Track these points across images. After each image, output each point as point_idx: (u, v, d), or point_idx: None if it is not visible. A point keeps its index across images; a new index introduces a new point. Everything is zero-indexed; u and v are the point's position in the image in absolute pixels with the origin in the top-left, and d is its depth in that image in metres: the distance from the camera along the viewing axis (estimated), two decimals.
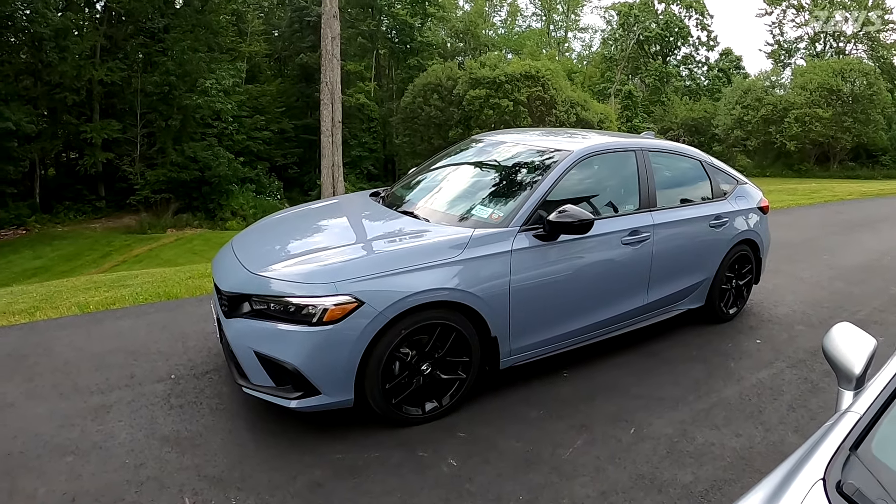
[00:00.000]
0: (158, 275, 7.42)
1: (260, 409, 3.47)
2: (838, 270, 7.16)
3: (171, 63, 27.87)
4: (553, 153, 4.08)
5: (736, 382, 4.11)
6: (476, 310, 3.34)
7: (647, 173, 4.35)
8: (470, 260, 3.35)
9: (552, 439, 3.31)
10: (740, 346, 4.78)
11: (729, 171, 5.29)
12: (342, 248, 3.45)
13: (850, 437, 1.53)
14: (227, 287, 3.34)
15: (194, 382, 3.82)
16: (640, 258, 4.20)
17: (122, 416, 3.41)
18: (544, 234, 3.59)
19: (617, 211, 4.22)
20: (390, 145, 40.35)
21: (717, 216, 4.82)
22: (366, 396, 3.18)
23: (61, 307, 5.37)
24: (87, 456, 3.04)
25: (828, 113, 38.62)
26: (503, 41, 54.66)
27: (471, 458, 3.11)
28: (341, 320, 2.99)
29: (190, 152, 28.75)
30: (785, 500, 1.40)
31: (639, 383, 4.02)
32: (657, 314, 4.60)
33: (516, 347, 3.64)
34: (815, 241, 9.03)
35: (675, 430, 3.46)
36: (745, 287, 5.36)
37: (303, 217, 4.61)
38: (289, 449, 3.14)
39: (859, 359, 1.88)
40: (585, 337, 4.07)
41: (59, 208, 27.29)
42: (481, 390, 3.72)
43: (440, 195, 4.25)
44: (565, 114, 35.47)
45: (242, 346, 3.17)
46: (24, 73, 26.10)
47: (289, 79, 38.89)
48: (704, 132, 45.54)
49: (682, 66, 55.73)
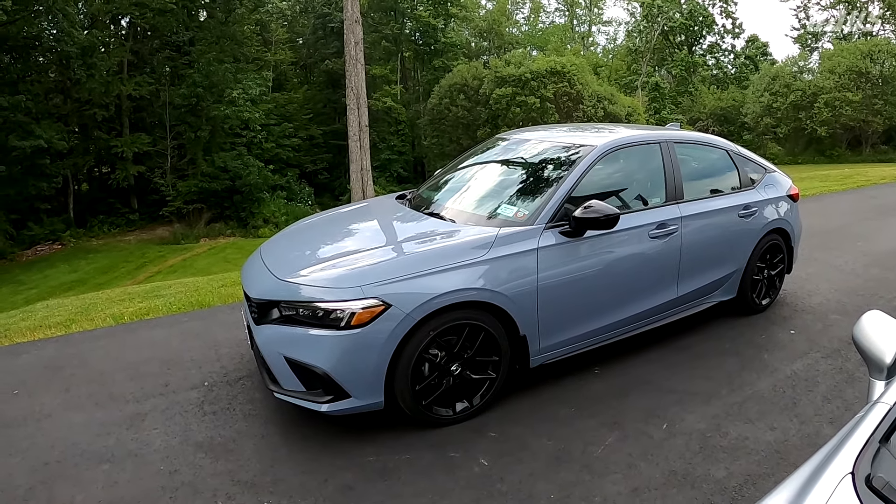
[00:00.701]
0: (191, 284, 7.54)
1: (292, 414, 3.51)
2: (873, 257, 7.00)
3: (198, 75, 28.23)
4: (577, 148, 4.05)
5: (769, 375, 4.04)
6: (504, 309, 3.33)
7: (673, 165, 4.29)
8: (496, 259, 3.34)
9: (583, 437, 3.29)
10: (774, 337, 4.69)
11: (756, 159, 5.20)
12: (368, 252, 3.46)
13: (881, 428, 1.48)
14: (256, 294, 3.39)
15: (227, 389, 3.87)
16: (669, 251, 4.15)
17: (156, 423, 3.47)
18: (570, 230, 3.57)
19: (644, 204, 4.17)
20: (419, 147, 40.41)
21: (746, 206, 4.74)
22: (396, 399, 3.18)
23: (96, 319, 5.49)
24: (122, 463, 3.10)
25: (858, 96, 37.49)
26: (527, 38, 54.47)
27: (502, 457, 3.11)
28: (369, 323, 3.01)
29: (220, 162, 29.13)
30: (813, 494, 1.36)
31: (671, 378, 3.97)
32: (688, 307, 4.54)
33: (546, 345, 3.62)
34: (848, 228, 8.82)
35: (708, 424, 3.42)
36: (778, 277, 5.26)
37: (329, 222, 4.65)
38: (320, 452, 3.16)
39: (891, 348, 1.83)
40: (616, 333, 4.03)
41: (94, 222, 27.81)
42: (512, 389, 3.71)
43: (465, 195, 4.26)
44: (592, 108, 35.10)
45: (273, 351, 3.21)
46: (53, 92, 26.56)
47: (315, 85, 39.26)
48: (734, 121, 44.72)
49: (709, 55, 54.80)
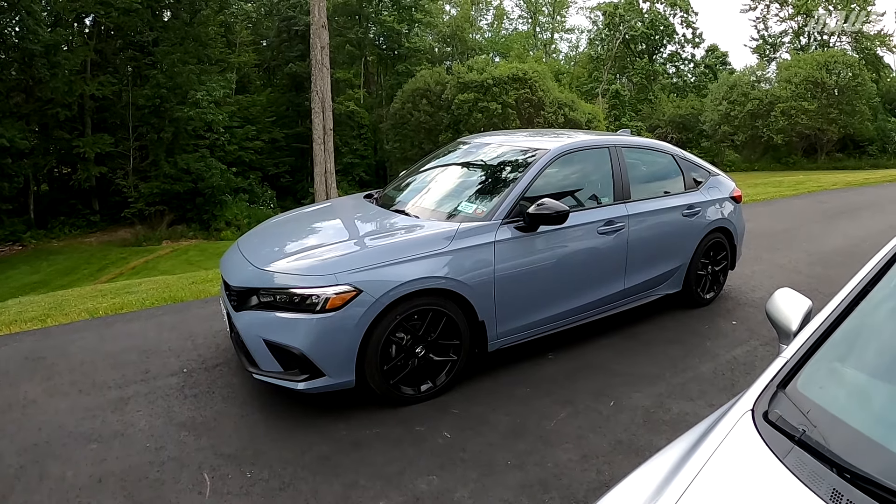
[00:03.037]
0: (162, 281, 7.67)
1: (268, 396, 3.75)
2: (817, 256, 7.38)
3: (162, 76, 28.11)
4: (533, 152, 4.39)
5: (711, 360, 4.38)
6: (464, 296, 3.65)
7: (621, 168, 4.65)
8: (457, 251, 3.65)
9: (539, 413, 3.60)
10: (716, 327, 5.03)
11: (701, 163, 5.59)
12: (341, 244, 3.76)
13: (778, 376, 1.73)
14: (237, 282, 3.64)
15: (206, 375, 4.09)
16: (617, 246, 4.50)
17: (140, 406, 3.67)
18: (525, 225, 3.90)
19: (593, 203, 4.52)
20: (381, 151, 40.64)
21: (690, 206, 5.11)
22: (366, 378, 3.47)
23: (71, 314, 5.59)
24: (110, 442, 3.29)
25: (813, 105, 38.91)
26: (490, 45, 54.98)
27: (464, 431, 3.40)
28: (342, 308, 3.29)
29: (183, 164, 29.02)
30: (716, 431, 1.61)
31: (620, 362, 4.30)
32: (636, 299, 4.89)
33: (503, 331, 3.94)
34: (795, 230, 9.19)
35: (653, 402, 3.74)
36: (721, 273, 5.64)
37: (303, 218, 4.91)
38: (296, 428, 3.42)
39: (796, 317, 2.10)
40: (568, 321, 4.36)
41: (55, 223, 27.48)
42: (472, 373, 4.01)
43: (429, 194, 4.55)
44: (553, 115, 35.76)
45: (252, 335, 3.46)
46: (15, 90, 26.29)
47: (278, 88, 39.20)
48: (692, 128, 45.90)
49: (669, 64, 56.08)
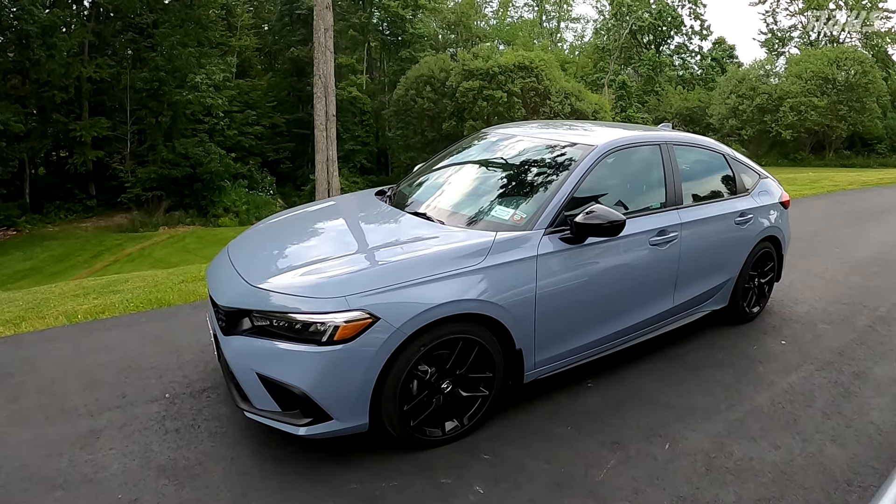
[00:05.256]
0: (150, 278, 7.11)
1: (263, 433, 3.18)
2: (851, 265, 7.03)
3: (161, 59, 27.34)
4: (574, 148, 3.78)
5: (766, 388, 3.91)
6: (501, 321, 3.07)
7: (673, 169, 4.08)
8: (493, 267, 3.06)
9: (584, 459, 3.06)
10: (765, 347, 4.57)
11: (751, 164, 5.04)
12: (351, 257, 3.14)
13: None
14: (225, 301, 3.04)
15: (191, 402, 3.54)
16: (668, 259, 3.94)
17: (113, 442, 3.13)
18: (571, 236, 3.31)
19: (643, 209, 3.94)
20: (383, 138, 39.95)
21: (742, 213, 4.58)
22: (381, 420, 2.90)
23: (48, 317, 5.09)
24: (76, 490, 2.77)
25: (823, 101, 38.42)
26: (495, 32, 54.30)
27: (498, 483, 2.85)
28: (354, 339, 2.70)
29: (181, 149, 28.26)
30: None
31: (667, 391, 3.79)
32: (683, 317, 4.36)
33: (542, 359, 3.38)
34: (823, 234, 8.90)
35: (712, 444, 3.24)
36: (768, 285, 5.14)
37: (306, 219, 4.26)
38: (297, 478, 2.86)
39: None
40: (613, 344, 3.81)
41: (50, 208, 26.82)
42: (501, 405, 3.45)
43: (454, 195, 3.94)
44: (559, 105, 35.06)
45: (243, 367, 2.88)
46: (11, 72, 25.57)
47: (279, 73, 38.50)
48: (699, 122, 45.28)
49: (676, 56, 55.44)
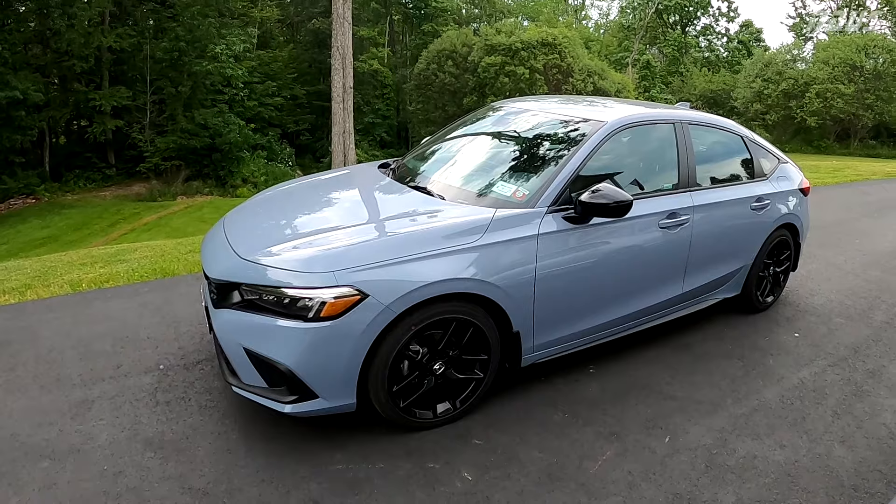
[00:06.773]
0: (158, 248, 7.08)
1: (252, 409, 3.13)
2: (872, 257, 6.79)
3: (181, 29, 27.13)
4: (583, 123, 3.62)
5: (776, 383, 3.76)
6: (497, 302, 2.95)
7: (687, 149, 3.90)
8: (491, 245, 2.94)
9: (579, 449, 2.96)
10: (778, 339, 4.41)
11: (770, 148, 4.83)
12: (343, 231, 3.02)
13: None
14: (216, 274, 2.96)
15: (184, 374, 3.50)
16: (679, 243, 3.79)
17: (103, 413, 3.10)
18: (575, 216, 3.18)
19: (654, 191, 3.78)
20: (404, 112, 39.63)
21: (759, 198, 4.40)
22: (370, 400, 2.82)
23: (53, 286, 5.07)
24: (63, 461, 2.74)
25: (850, 89, 37.21)
26: (519, 8, 53.37)
27: (488, 471, 2.77)
28: (342, 315, 2.61)
29: (200, 119, 28.16)
30: None
31: (671, 382, 3.66)
32: (693, 304, 4.21)
33: (541, 343, 3.26)
34: (844, 224, 8.58)
35: (714, 439, 3.12)
36: (783, 274, 4.96)
37: (300, 192, 4.14)
38: (283, 457, 2.80)
39: None
40: (616, 330, 3.68)
41: (69, 177, 26.93)
42: (498, 389, 3.36)
43: (457, 169, 3.81)
44: (582, 82, 34.50)
45: (231, 340, 2.81)
46: (32, 42, 25.57)
47: (301, 45, 38.19)
48: (723, 105, 44.32)
49: (702, 37, 54.32)
